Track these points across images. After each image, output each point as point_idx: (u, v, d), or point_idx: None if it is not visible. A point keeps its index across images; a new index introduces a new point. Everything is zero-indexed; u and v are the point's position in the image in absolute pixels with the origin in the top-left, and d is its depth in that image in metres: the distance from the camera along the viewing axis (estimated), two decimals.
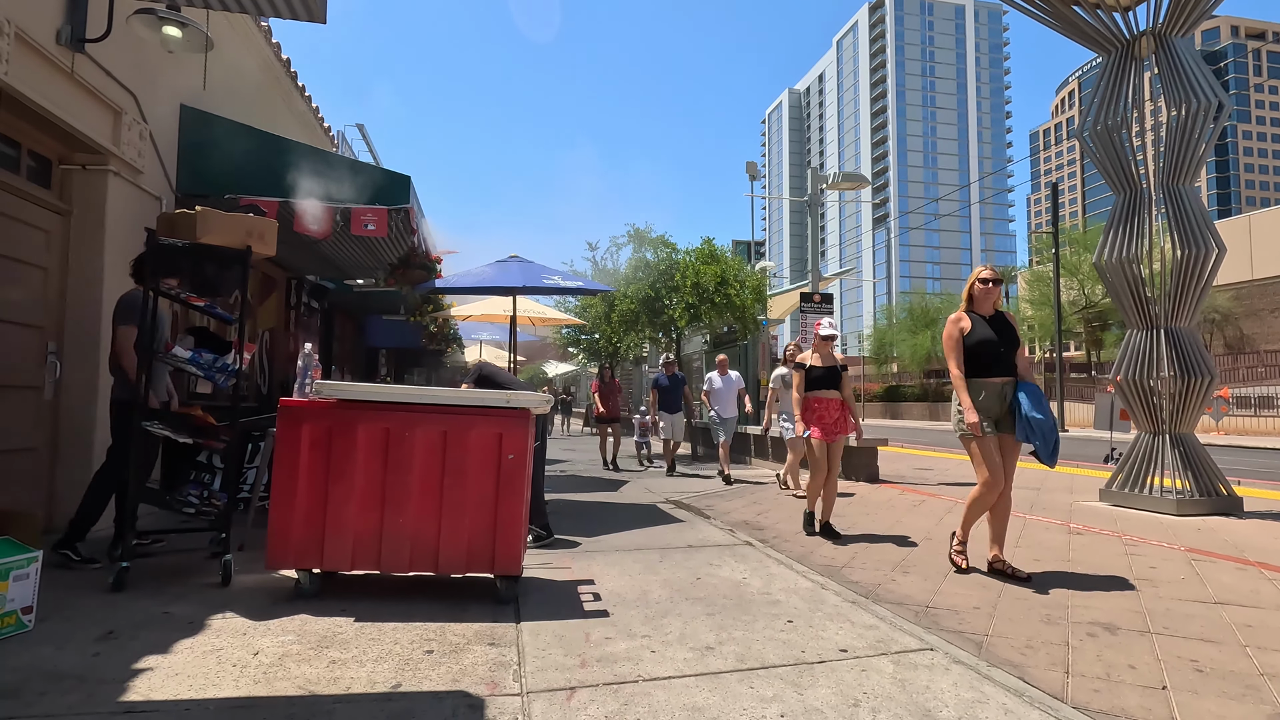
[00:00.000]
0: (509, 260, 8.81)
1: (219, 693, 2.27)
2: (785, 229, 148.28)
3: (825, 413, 5.34)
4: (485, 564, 3.30)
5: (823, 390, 5.38)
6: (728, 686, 2.42)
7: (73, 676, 2.36)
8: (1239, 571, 4.22)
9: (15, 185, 4.19)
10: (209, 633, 2.81)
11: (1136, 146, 6.79)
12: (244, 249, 3.76)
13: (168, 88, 5.42)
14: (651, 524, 5.64)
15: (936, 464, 11.21)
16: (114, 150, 4.68)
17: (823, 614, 3.27)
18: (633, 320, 12.61)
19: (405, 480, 3.29)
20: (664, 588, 3.69)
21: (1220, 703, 2.43)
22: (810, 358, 5.49)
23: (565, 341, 23.51)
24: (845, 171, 10.03)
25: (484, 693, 2.32)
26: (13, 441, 4.19)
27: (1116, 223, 6.78)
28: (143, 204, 5.03)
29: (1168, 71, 6.53)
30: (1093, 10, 6.83)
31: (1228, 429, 19.90)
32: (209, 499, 3.88)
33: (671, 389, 9.75)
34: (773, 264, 26.98)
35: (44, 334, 4.44)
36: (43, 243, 4.43)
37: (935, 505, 6.76)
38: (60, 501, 4.46)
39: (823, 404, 5.36)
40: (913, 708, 2.27)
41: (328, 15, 4.10)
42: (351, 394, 3.40)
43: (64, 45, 4.18)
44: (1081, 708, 2.37)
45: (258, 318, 8.05)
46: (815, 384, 5.38)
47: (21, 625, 2.75)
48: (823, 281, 11.94)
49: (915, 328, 40.29)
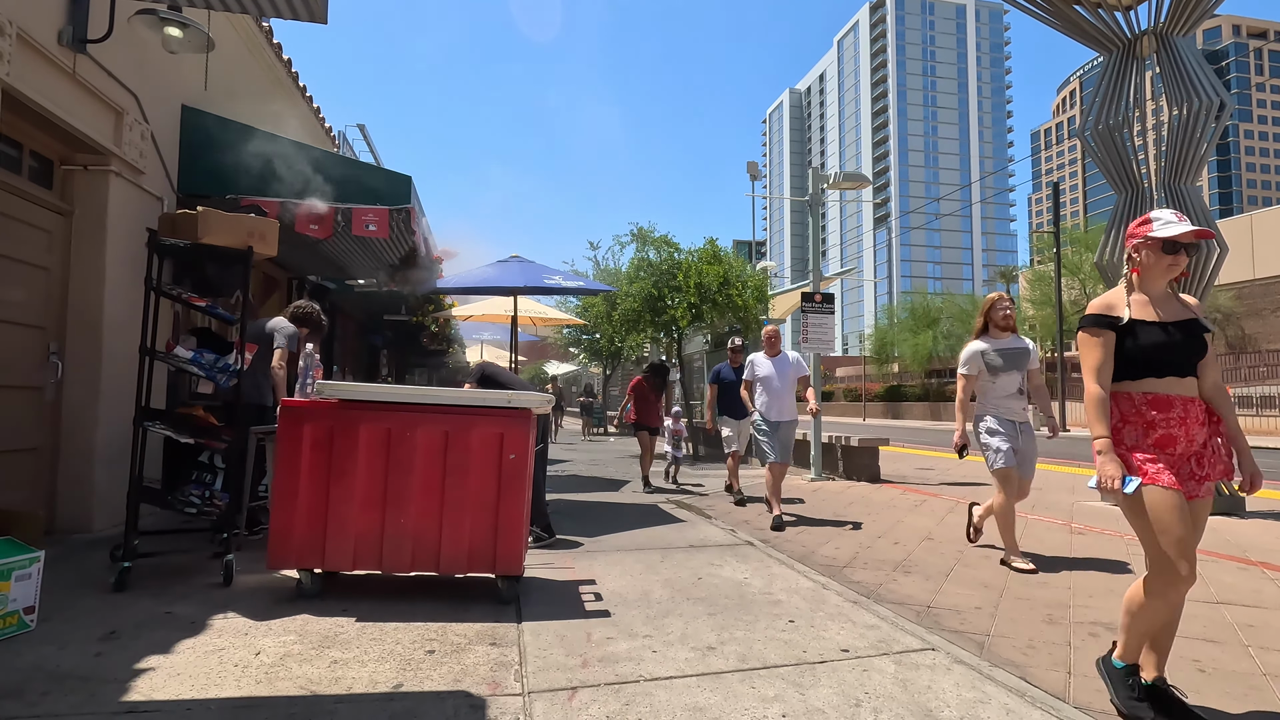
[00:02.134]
0: (510, 260, 8.81)
1: (221, 693, 2.27)
2: (786, 229, 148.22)
3: (1174, 430, 2.26)
4: (487, 564, 3.30)
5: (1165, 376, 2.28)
6: (729, 686, 2.42)
7: (75, 676, 2.37)
8: (1241, 571, 4.21)
9: (17, 186, 4.20)
10: (211, 633, 2.81)
11: (1138, 146, 6.79)
12: (245, 249, 3.76)
13: (169, 88, 5.42)
14: (653, 524, 5.64)
15: (938, 464, 11.20)
16: (115, 151, 4.68)
17: (824, 614, 3.26)
18: (634, 320, 12.59)
19: (407, 480, 3.29)
20: (665, 588, 3.69)
21: (1223, 703, 2.43)
22: (1133, 304, 2.33)
23: (566, 341, 23.51)
24: (846, 171, 10.03)
25: (486, 693, 2.32)
26: (14, 441, 4.19)
27: (1118, 222, 6.78)
28: (144, 204, 5.04)
29: (1169, 71, 6.52)
30: (1094, 9, 6.82)
31: None
32: (211, 499, 3.88)
33: (738, 383, 6.69)
34: (774, 264, 26.94)
35: (45, 334, 4.45)
36: (44, 243, 4.43)
37: (937, 505, 6.76)
38: (62, 501, 4.47)
39: (1169, 407, 2.26)
40: (915, 708, 2.27)
41: (329, 15, 4.10)
42: (353, 394, 3.40)
43: (65, 46, 4.19)
44: (1084, 708, 2.36)
45: (259, 318, 8.05)
46: (1151, 362, 2.26)
47: (24, 625, 2.75)
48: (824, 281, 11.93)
49: (917, 327, 40.22)
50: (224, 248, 3.74)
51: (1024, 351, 4.44)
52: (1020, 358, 4.43)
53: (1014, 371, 4.41)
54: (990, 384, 4.45)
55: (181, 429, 3.74)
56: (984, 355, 4.46)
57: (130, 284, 4.71)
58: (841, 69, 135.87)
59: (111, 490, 4.53)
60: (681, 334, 13.05)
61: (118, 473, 4.39)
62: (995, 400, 4.45)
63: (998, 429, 4.39)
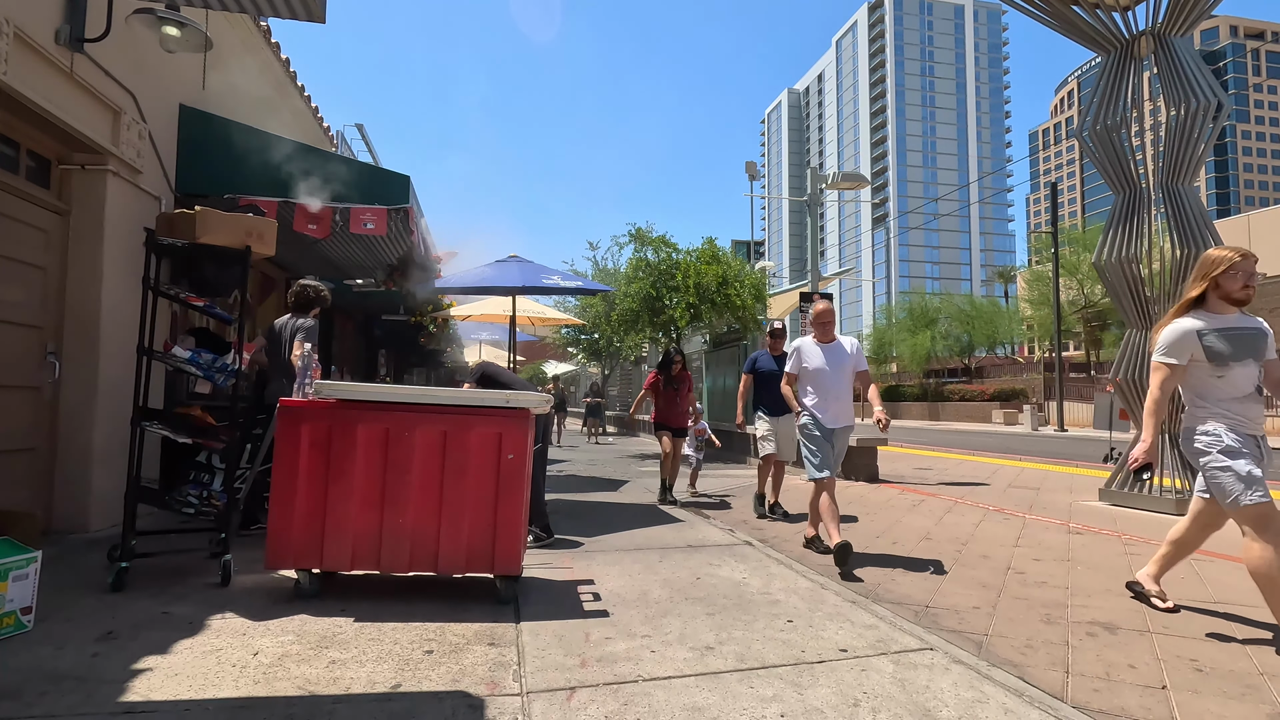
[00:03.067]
0: (508, 260, 8.80)
1: (219, 693, 2.27)
2: (785, 229, 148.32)
3: None
4: (485, 564, 3.30)
5: None
6: (728, 686, 2.42)
7: (72, 677, 2.36)
8: (1238, 570, 4.22)
9: (14, 185, 4.19)
10: (208, 633, 2.81)
11: (1136, 146, 6.80)
12: (243, 249, 3.75)
13: (167, 87, 5.41)
14: (651, 524, 5.64)
15: (936, 464, 11.21)
16: (113, 150, 4.67)
17: (822, 614, 3.27)
18: (633, 320, 12.59)
19: (405, 480, 3.29)
20: (664, 588, 3.69)
21: (1220, 702, 2.44)
22: None
23: (565, 341, 23.52)
24: (845, 171, 10.03)
25: (484, 693, 2.32)
26: (12, 442, 4.18)
27: (1116, 222, 6.79)
28: (142, 204, 5.03)
29: (1167, 71, 6.53)
30: (1092, 10, 6.83)
31: None
32: (208, 499, 3.88)
33: (779, 374, 5.60)
34: (772, 264, 26.97)
35: (43, 334, 4.43)
36: (41, 243, 4.42)
37: (934, 505, 6.77)
38: (59, 502, 4.46)
39: None
40: (913, 707, 2.27)
41: (326, 15, 4.09)
42: (351, 394, 3.39)
43: (63, 45, 4.18)
44: (1081, 707, 2.37)
45: (257, 318, 8.05)
46: None
47: (21, 625, 2.74)
48: (822, 281, 11.94)
49: (915, 327, 40.30)
50: (222, 247, 3.73)
51: (1260, 334, 3.13)
52: (1257, 342, 3.09)
53: (1249, 362, 3.08)
54: (1214, 380, 3.11)
55: (179, 429, 3.73)
56: (1202, 338, 3.12)
57: (128, 284, 4.70)
58: (840, 69, 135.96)
59: (109, 490, 4.52)
60: (680, 334, 13.05)
61: (115, 473, 4.38)
62: (1224, 404, 3.09)
63: (1237, 446, 3.00)
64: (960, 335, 40.54)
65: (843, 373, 4.72)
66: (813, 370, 4.74)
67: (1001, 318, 40.56)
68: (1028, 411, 25.89)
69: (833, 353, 4.77)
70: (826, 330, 4.86)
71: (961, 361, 42.66)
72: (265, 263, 7.62)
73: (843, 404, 4.71)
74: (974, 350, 41.96)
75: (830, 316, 4.90)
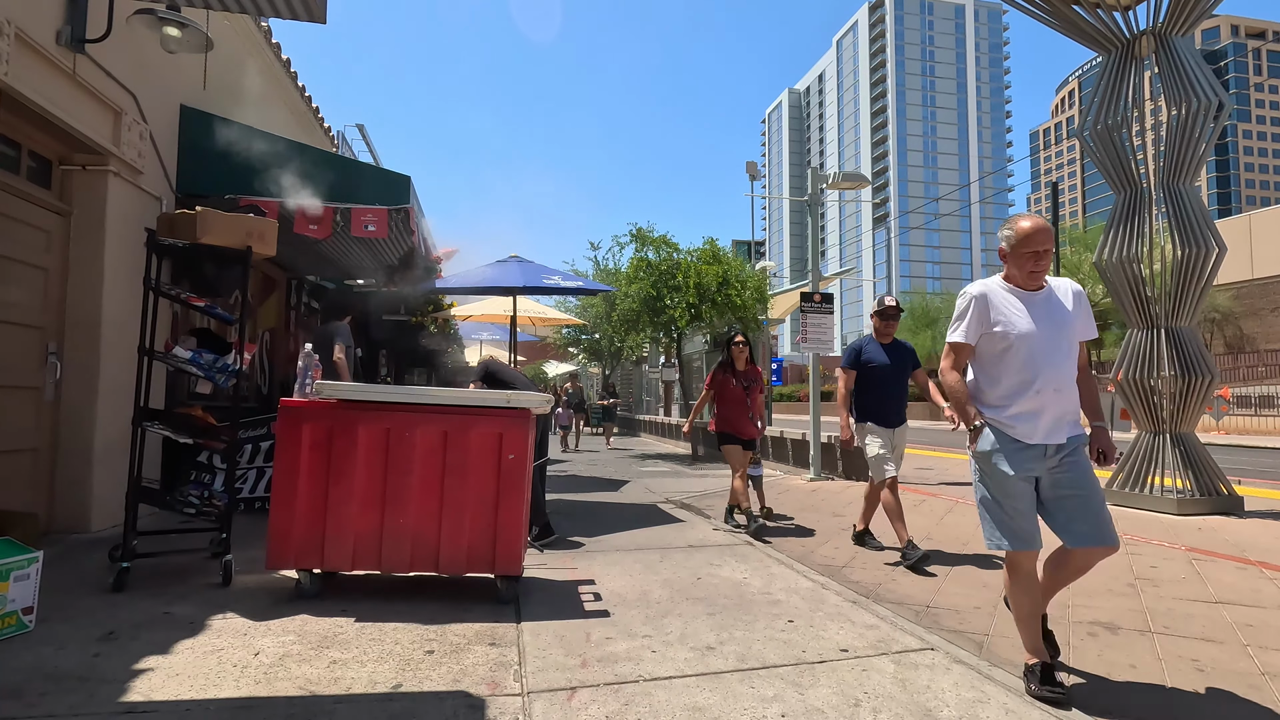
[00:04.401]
0: (509, 260, 8.81)
1: (220, 693, 2.27)
2: (785, 229, 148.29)
3: None
4: (486, 564, 3.30)
5: None
6: (729, 686, 2.42)
7: (73, 677, 2.36)
8: (1240, 571, 4.21)
9: (15, 186, 4.19)
10: (210, 633, 2.81)
11: (1137, 146, 6.79)
12: (244, 249, 3.75)
13: (168, 88, 5.41)
14: (652, 524, 5.64)
15: (937, 464, 11.21)
16: (114, 151, 4.67)
17: (823, 614, 3.26)
18: (634, 320, 12.59)
19: (406, 480, 3.29)
20: (664, 588, 3.69)
21: (1224, 704, 2.43)
22: None
23: (565, 341, 23.53)
24: (845, 171, 10.03)
25: (485, 693, 2.32)
26: (13, 442, 4.18)
27: (1117, 222, 6.78)
28: (143, 204, 5.03)
29: (1168, 71, 6.53)
30: (1093, 9, 6.83)
31: (1228, 428, 19.89)
32: (209, 499, 3.88)
33: (897, 370, 4.82)
34: (773, 264, 26.96)
35: (44, 334, 4.44)
36: (43, 243, 4.43)
37: (936, 505, 6.76)
38: (61, 502, 4.46)
39: None
40: (914, 707, 2.27)
41: (327, 15, 4.09)
42: (352, 394, 3.39)
43: (64, 46, 4.18)
44: (1083, 707, 2.37)
45: (258, 318, 8.05)
46: None
47: (22, 626, 2.75)
48: (823, 281, 11.92)
49: (916, 327, 40.24)
50: (223, 248, 3.73)
51: None
52: None
53: None
54: None
55: (180, 429, 3.73)
56: None
57: (129, 284, 4.70)
58: (840, 69, 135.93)
59: (110, 490, 4.53)
60: (681, 334, 13.05)
61: (116, 473, 4.38)
62: None
63: None
64: None
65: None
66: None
67: None
68: None
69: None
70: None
71: None
72: (266, 263, 7.62)
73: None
74: None
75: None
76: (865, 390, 4.84)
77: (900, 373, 4.79)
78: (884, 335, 4.90)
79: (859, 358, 4.87)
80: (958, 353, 2.68)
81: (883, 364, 4.79)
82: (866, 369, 4.85)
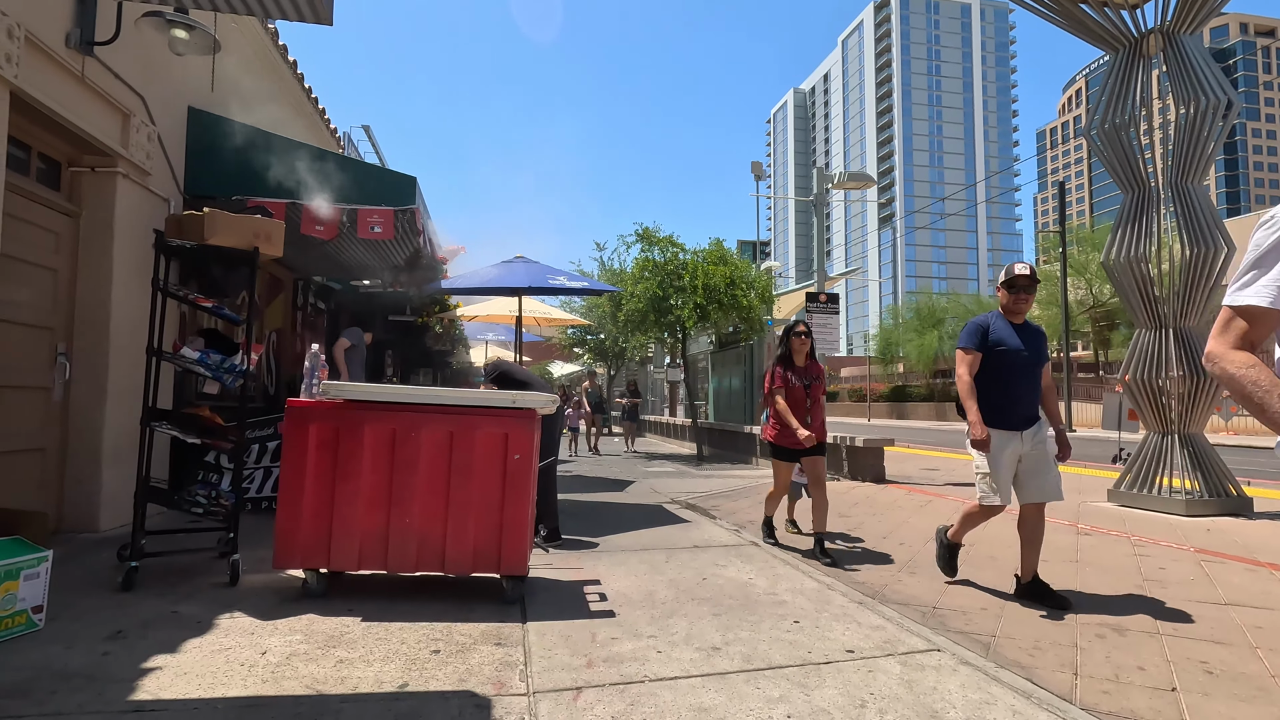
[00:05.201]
0: (515, 261, 8.83)
1: (227, 692, 2.28)
2: (790, 229, 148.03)
3: None
4: (491, 564, 3.30)
5: None
6: (734, 687, 2.42)
7: (82, 675, 2.38)
8: (1249, 572, 4.19)
9: (25, 187, 4.22)
10: (217, 632, 2.83)
11: (1145, 145, 6.75)
12: (251, 250, 3.77)
13: (175, 90, 5.44)
14: (657, 524, 5.64)
15: (943, 464, 11.17)
16: (122, 152, 4.70)
17: (829, 614, 3.26)
18: (639, 320, 12.60)
19: (412, 480, 3.30)
20: (670, 588, 3.68)
21: (1231, 705, 2.42)
22: None
23: (571, 342, 23.54)
24: (851, 171, 10.02)
25: (490, 692, 2.32)
26: (22, 442, 4.21)
27: (1124, 222, 6.75)
28: (151, 206, 5.06)
29: (1176, 69, 6.49)
30: (1100, 8, 6.79)
31: (1237, 429, 19.76)
32: (217, 499, 3.90)
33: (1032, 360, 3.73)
34: (778, 264, 26.92)
35: (53, 335, 4.47)
36: (52, 244, 4.46)
37: (942, 506, 6.74)
38: (70, 501, 4.49)
39: None
40: (920, 709, 2.27)
41: (334, 17, 4.10)
42: (358, 394, 3.41)
43: (73, 48, 4.21)
44: (1090, 709, 2.35)
45: (265, 319, 8.09)
46: None
47: (32, 624, 2.77)
48: (828, 281, 11.91)
49: (922, 327, 40.13)
50: (230, 249, 3.75)
51: None
52: None
53: None
54: None
55: (188, 429, 3.75)
56: None
57: (137, 285, 4.73)
58: (846, 69, 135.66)
59: (118, 490, 4.56)
60: (687, 334, 13.05)
61: (125, 472, 4.41)
62: None
63: None
64: None
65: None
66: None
67: None
68: None
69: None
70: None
71: None
72: (272, 264, 7.65)
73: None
74: None
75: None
76: (989, 382, 3.68)
77: (1034, 363, 3.69)
78: (1015, 313, 3.75)
79: (986, 337, 3.72)
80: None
81: (1015, 349, 3.65)
82: (995, 354, 3.67)
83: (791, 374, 4.86)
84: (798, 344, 4.89)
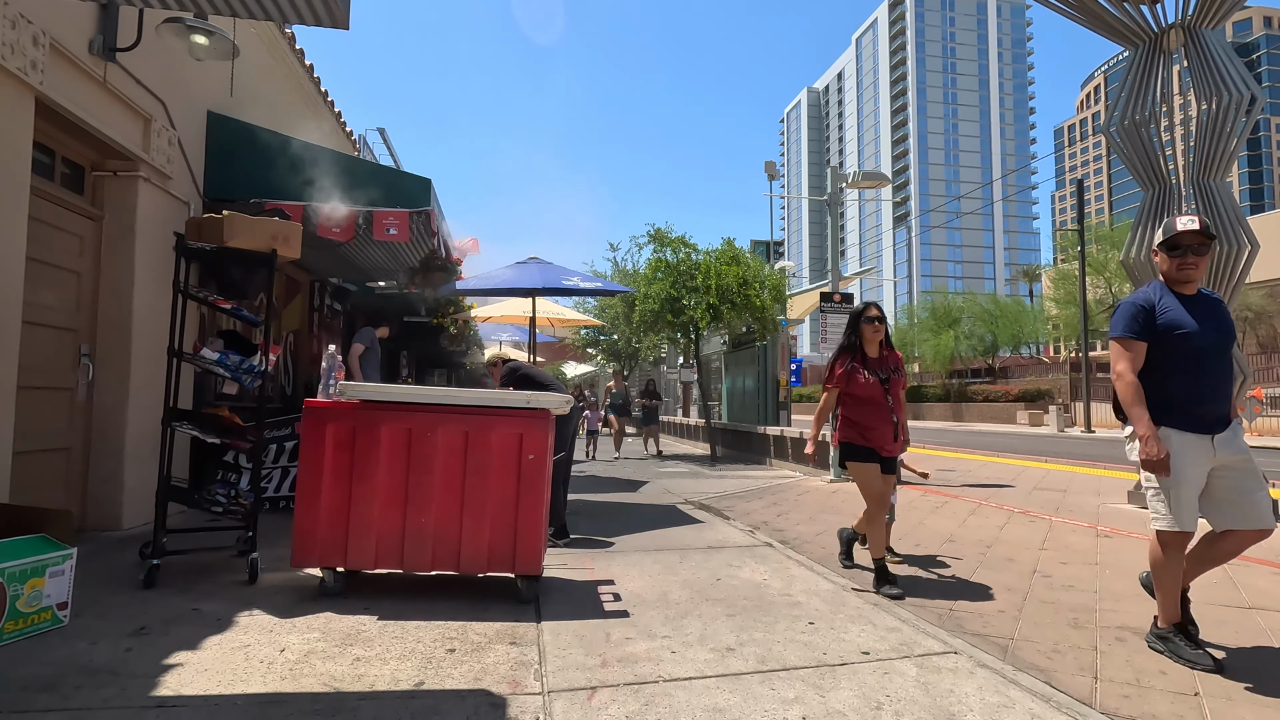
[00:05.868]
0: (529, 262, 8.88)
1: (247, 688, 2.31)
2: (804, 228, 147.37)
3: None
4: (506, 564, 3.32)
5: None
6: (749, 688, 2.41)
7: (106, 671, 2.42)
8: (1274, 576, 4.11)
9: (50, 192, 4.30)
10: (237, 629, 2.86)
11: (1165, 141, 6.65)
12: (269, 252, 3.82)
13: (195, 95, 5.52)
14: (671, 524, 5.64)
15: (959, 465, 11.07)
16: (144, 157, 4.78)
17: (844, 616, 3.24)
18: (653, 321, 12.59)
19: (427, 480, 3.32)
20: (684, 588, 3.68)
21: (1256, 710, 2.38)
22: None
23: (584, 342, 23.60)
24: (865, 170, 9.95)
25: (505, 691, 2.34)
26: (47, 441, 4.29)
27: (1145, 219, 6.65)
28: (171, 209, 5.14)
29: (1198, 64, 6.39)
30: (1119, 3, 6.70)
31: (1261, 430, 19.40)
32: (236, 498, 3.95)
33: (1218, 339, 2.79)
34: (792, 264, 26.84)
35: (77, 336, 4.55)
36: (75, 247, 4.54)
37: (958, 507, 6.68)
38: (93, 500, 4.57)
39: None
40: (937, 711, 2.25)
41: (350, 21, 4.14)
42: (374, 395, 3.44)
43: (96, 55, 4.28)
44: (1110, 714, 2.33)
45: (282, 320, 8.18)
46: None
47: (57, 620, 2.82)
48: (843, 281, 11.83)
49: (938, 327, 39.77)
50: (249, 251, 3.80)
51: None
52: None
53: None
54: None
55: (208, 429, 3.80)
56: None
57: (158, 287, 4.80)
58: (860, 67, 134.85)
59: (140, 489, 4.63)
60: (700, 335, 13.03)
61: (146, 471, 4.48)
62: None
63: None
64: (984, 335, 39.93)
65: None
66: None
67: (1026, 317, 39.88)
68: (1053, 412, 25.43)
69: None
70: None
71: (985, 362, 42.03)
72: (290, 266, 7.74)
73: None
74: (998, 350, 41.32)
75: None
76: (1162, 377, 2.81)
77: (1223, 345, 2.80)
78: (1183, 283, 2.88)
79: (1152, 320, 2.82)
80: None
81: (1190, 329, 2.77)
82: (1170, 340, 2.80)
83: (862, 367, 3.97)
84: (870, 331, 4.03)
